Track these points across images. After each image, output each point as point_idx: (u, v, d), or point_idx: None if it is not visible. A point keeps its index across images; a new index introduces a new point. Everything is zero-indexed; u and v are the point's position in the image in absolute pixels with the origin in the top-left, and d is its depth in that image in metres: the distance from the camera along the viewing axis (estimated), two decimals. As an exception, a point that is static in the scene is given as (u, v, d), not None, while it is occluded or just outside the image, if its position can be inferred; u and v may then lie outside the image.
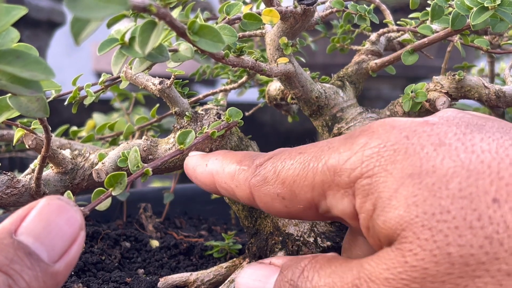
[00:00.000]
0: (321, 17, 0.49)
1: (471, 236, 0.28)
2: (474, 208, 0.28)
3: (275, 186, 0.37)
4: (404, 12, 0.55)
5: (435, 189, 0.29)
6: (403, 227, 0.29)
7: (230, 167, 0.40)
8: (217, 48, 0.32)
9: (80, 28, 0.23)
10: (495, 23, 0.42)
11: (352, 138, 0.34)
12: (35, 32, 1.37)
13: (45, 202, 0.31)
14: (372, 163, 0.32)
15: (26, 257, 0.29)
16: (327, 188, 0.34)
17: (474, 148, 0.30)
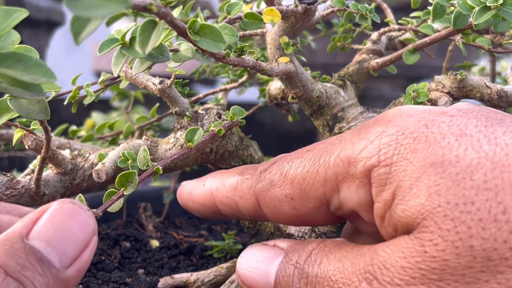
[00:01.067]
0: (322, 16, 0.48)
1: (496, 229, 0.27)
2: (499, 201, 0.27)
3: (283, 187, 0.36)
4: (405, 11, 0.55)
5: (459, 179, 0.28)
6: (424, 216, 0.28)
7: (231, 180, 0.39)
8: (218, 48, 0.32)
9: (80, 27, 0.23)
10: (497, 22, 0.42)
11: (366, 128, 0.33)
12: (34, 32, 1.37)
13: (58, 205, 0.30)
14: (391, 151, 0.31)
15: (37, 263, 0.28)
16: (341, 181, 0.33)
17: (498, 141, 0.29)
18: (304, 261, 0.34)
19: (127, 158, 0.41)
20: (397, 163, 0.30)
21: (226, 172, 0.40)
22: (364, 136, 0.32)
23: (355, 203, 0.33)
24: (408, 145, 0.30)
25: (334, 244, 0.34)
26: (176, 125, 0.47)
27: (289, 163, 0.36)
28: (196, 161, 0.48)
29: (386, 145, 0.31)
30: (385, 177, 0.31)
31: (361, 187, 0.32)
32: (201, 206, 0.41)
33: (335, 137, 0.35)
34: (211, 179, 0.41)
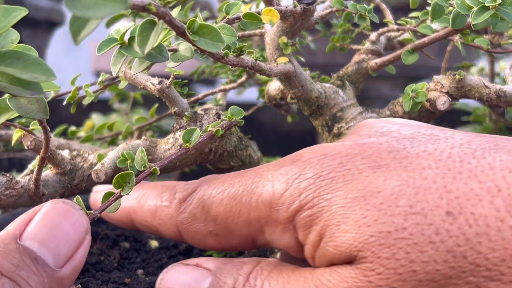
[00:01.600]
0: (320, 17, 0.48)
1: (433, 251, 0.27)
2: (430, 223, 0.27)
3: (206, 223, 0.35)
4: (404, 12, 0.55)
5: (384, 208, 0.28)
6: (359, 248, 0.28)
7: (149, 203, 0.37)
8: (217, 47, 0.32)
9: (79, 27, 0.23)
10: (495, 22, 0.42)
11: (285, 168, 0.33)
12: (34, 32, 1.37)
13: (50, 206, 0.30)
14: (311, 194, 0.31)
15: (32, 262, 0.28)
16: (265, 224, 0.33)
17: (413, 165, 0.29)
18: (243, 285, 0.32)
19: (126, 158, 0.41)
20: (318, 205, 0.30)
21: (143, 190, 0.38)
22: (283, 179, 0.32)
23: (282, 246, 0.33)
24: (327, 186, 0.30)
25: (272, 267, 0.33)
26: (175, 125, 0.47)
27: (210, 198, 0.35)
28: (195, 161, 0.48)
29: (305, 189, 0.31)
30: (309, 219, 0.31)
31: (286, 232, 0.32)
32: (119, 223, 0.40)
33: (254, 173, 0.34)
34: (125, 197, 0.40)
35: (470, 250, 0.27)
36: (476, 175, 0.28)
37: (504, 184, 0.27)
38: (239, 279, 0.32)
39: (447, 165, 0.29)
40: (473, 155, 0.29)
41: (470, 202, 0.27)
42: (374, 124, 0.34)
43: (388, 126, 0.34)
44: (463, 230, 0.27)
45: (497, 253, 0.26)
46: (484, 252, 0.26)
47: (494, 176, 0.28)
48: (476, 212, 0.27)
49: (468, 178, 0.28)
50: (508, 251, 0.26)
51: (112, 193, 0.34)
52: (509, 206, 0.27)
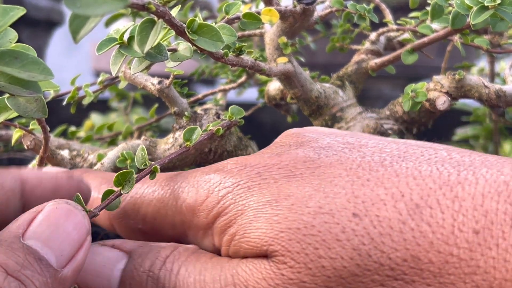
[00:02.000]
0: (320, 17, 0.48)
1: (340, 248, 0.28)
2: (337, 222, 0.28)
3: (136, 221, 0.36)
4: (403, 12, 0.55)
5: (295, 208, 0.30)
6: (269, 242, 0.29)
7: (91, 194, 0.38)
8: (216, 47, 0.32)
9: (78, 26, 0.23)
10: (495, 22, 0.42)
11: (209, 174, 0.34)
12: (34, 32, 1.37)
13: (53, 206, 0.30)
14: (228, 201, 0.32)
15: (36, 262, 0.28)
16: (187, 228, 0.34)
17: (325, 174, 0.31)
18: (159, 269, 0.32)
19: (125, 158, 0.41)
20: (233, 210, 0.32)
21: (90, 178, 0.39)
22: (206, 186, 0.33)
23: (204, 249, 0.34)
24: (244, 194, 0.32)
25: (190, 252, 0.33)
26: (175, 125, 0.47)
27: (141, 197, 0.36)
28: (195, 161, 0.48)
29: (224, 197, 0.32)
30: (224, 223, 0.32)
31: (205, 237, 0.34)
32: None
33: (182, 176, 0.35)
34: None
35: (374, 249, 0.28)
36: (382, 182, 0.29)
37: (407, 190, 0.29)
38: (156, 262, 0.33)
39: (357, 173, 0.30)
40: (381, 163, 0.31)
41: (376, 206, 0.29)
42: (295, 134, 0.36)
43: (308, 136, 0.35)
44: (368, 230, 0.28)
45: (399, 253, 0.27)
46: (387, 251, 0.27)
47: (398, 182, 0.29)
48: (380, 214, 0.28)
49: (375, 185, 0.29)
50: (409, 251, 0.27)
51: (112, 191, 0.34)
52: (410, 210, 0.28)
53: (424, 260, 0.27)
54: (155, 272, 0.32)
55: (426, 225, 0.27)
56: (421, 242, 0.27)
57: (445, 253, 0.27)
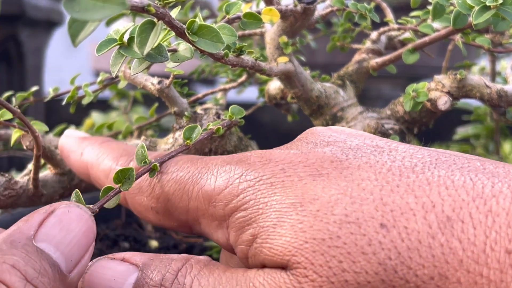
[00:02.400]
0: (321, 16, 0.48)
1: (365, 262, 0.27)
2: (363, 233, 0.27)
3: (150, 199, 0.35)
4: (405, 11, 0.55)
5: (320, 215, 0.28)
6: (293, 252, 0.28)
7: (105, 164, 0.38)
8: (216, 48, 0.32)
9: (77, 30, 0.23)
10: (497, 22, 0.42)
11: (230, 165, 0.33)
12: (34, 32, 1.37)
13: (65, 209, 0.30)
14: (248, 196, 0.31)
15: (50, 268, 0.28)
16: (201, 216, 0.33)
17: (353, 176, 0.29)
18: (171, 283, 0.31)
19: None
20: (254, 206, 0.30)
21: (103, 148, 0.39)
22: (226, 176, 0.32)
23: (215, 240, 0.33)
24: (266, 191, 0.31)
25: (202, 265, 0.32)
26: (175, 125, 0.46)
27: (158, 176, 0.35)
28: (195, 162, 0.47)
29: (244, 191, 0.31)
30: (243, 220, 0.31)
31: (219, 229, 0.33)
32: (76, 170, 0.40)
33: (203, 162, 0.35)
34: (89, 150, 0.39)
35: (401, 265, 0.26)
36: (413, 189, 0.28)
37: (439, 200, 0.27)
38: (167, 276, 0.32)
39: (386, 178, 0.29)
40: (412, 170, 0.29)
41: (405, 216, 0.27)
42: (321, 132, 0.35)
43: (335, 136, 0.34)
44: (395, 244, 0.27)
45: (426, 270, 0.26)
46: (414, 268, 0.26)
47: (430, 191, 0.28)
48: (409, 226, 0.27)
49: (405, 192, 0.28)
50: (437, 269, 0.26)
51: (111, 188, 0.34)
52: (441, 222, 0.27)
53: (452, 280, 0.26)
54: (166, 286, 0.31)
55: (457, 241, 0.26)
56: (450, 259, 0.26)
57: (474, 273, 0.25)
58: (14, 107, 0.37)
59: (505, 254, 0.25)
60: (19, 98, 0.49)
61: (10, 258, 0.27)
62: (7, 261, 0.27)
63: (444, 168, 0.29)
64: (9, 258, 0.27)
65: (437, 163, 0.30)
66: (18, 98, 0.49)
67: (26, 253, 0.28)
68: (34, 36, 1.36)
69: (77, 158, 0.40)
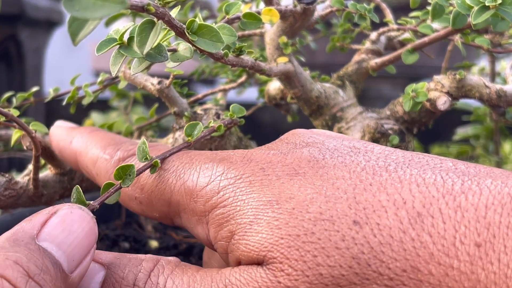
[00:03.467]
0: (321, 16, 0.48)
1: (339, 256, 0.28)
2: (337, 230, 0.28)
3: (134, 189, 0.36)
4: (404, 11, 0.55)
5: (295, 212, 0.29)
6: (269, 248, 0.29)
7: (93, 152, 0.38)
8: (216, 47, 0.32)
9: (77, 28, 0.23)
10: (496, 22, 0.42)
11: (214, 162, 0.34)
12: (34, 32, 1.37)
13: (68, 210, 0.30)
14: (228, 194, 0.32)
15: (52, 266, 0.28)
16: (182, 210, 0.34)
17: (328, 175, 0.30)
18: (144, 282, 0.32)
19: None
20: (232, 204, 0.31)
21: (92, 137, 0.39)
22: (208, 173, 0.33)
23: (195, 235, 0.34)
24: (245, 189, 0.31)
25: (173, 265, 0.33)
26: (175, 125, 0.47)
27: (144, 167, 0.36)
28: (195, 162, 0.47)
29: (224, 188, 0.32)
30: (222, 217, 0.32)
31: (199, 224, 0.33)
32: (65, 159, 0.41)
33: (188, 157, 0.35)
34: (78, 138, 0.40)
35: (374, 259, 0.27)
36: (385, 187, 0.29)
37: (410, 197, 0.28)
38: (140, 276, 0.32)
39: (360, 176, 0.30)
40: (386, 169, 0.30)
41: (377, 213, 0.28)
42: (302, 134, 0.36)
43: (314, 137, 0.35)
44: (367, 239, 0.28)
45: (398, 263, 0.27)
46: (386, 261, 0.27)
47: (401, 189, 0.29)
48: (381, 222, 0.28)
49: (378, 190, 0.29)
50: (409, 262, 0.27)
51: (112, 184, 0.34)
52: (412, 218, 0.27)
53: (424, 272, 0.27)
54: (140, 285, 0.32)
55: (427, 235, 0.27)
56: (421, 253, 0.27)
57: (445, 265, 0.26)
58: (7, 110, 0.37)
59: (475, 247, 0.26)
60: (19, 99, 0.49)
61: (13, 255, 0.27)
62: (10, 257, 0.27)
63: (416, 167, 0.30)
64: (12, 255, 0.27)
65: (410, 163, 0.31)
66: (19, 98, 0.49)
67: (28, 251, 0.28)
68: (34, 36, 1.36)
69: (66, 146, 0.40)
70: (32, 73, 1.38)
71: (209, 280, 0.31)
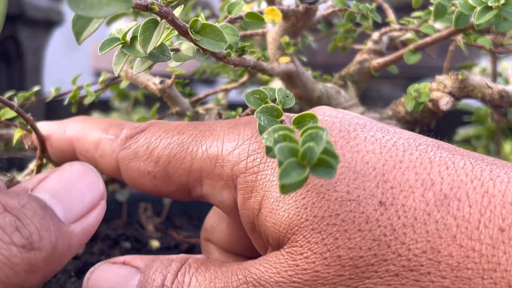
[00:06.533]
0: (323, 16, 0.48)
1: (360, 239, 0.28)
2: (362, 211, 0.28)
3: (147, 163, 0.35)
4: (406, 11, 0.55)
5: (323, 191, 0.29)
6: (294, 230, 0.29)
7: (93, 135, 0.37)
8: (219, 47, 0.32)
9: (82, 27, 0.23)
10: (498, 22, 0.42)
11: (238, 128, 0.33)
12: (34, 32, 1.36)
13: (67, 165, 0.30)
14: (259, 158, 0.31)
15: (40, 208, 0.28)
16: (205, 177, 0.33)
17: (359, 147, 0.30)
18: (172, 282, 0.32)
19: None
20: (263, 171, 0.31)
21: (90, 122, 0.38)
22: (235, 137, 0.33)
23: (218, 202, 0.34)
24: None
25: (199, 263, 0.33)
26: (176, 125, 0.46)
27: (157, 140, 0.35)
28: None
29: (254, 152, 0.31)
30: (252, 184, 0.31)
31: (225, 189, 0.33)
32: (59, 152, 0.39)
33: (207, 126, 0.35)
34: (72, 125, 0.39)
35: (395, 240, 0.27)
36: (415, 166, 0.29)
37: (438, 179, 0.28)
38: (168, 276, 0.32)
39: (390, 152, 0.30)
40: (416, 147, 0.30)
41: (403, 194, 0.28)
42: (330, 109, 0.35)
43: (343, 112, 0.35)
44: (391, 221, 0.28)
45: (419, 245, 0.27)
46: (407, 243, 0.27)
47: (431, 169, 0.29)
48: (407, 204, 0.28)
49: (407, 168, 0.29)
50: (430, 243, 0.27)
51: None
52: (438, 200, 0.28)
53: (444, 253, 0.27)
54: (168, 285, 0.32)
55: (452, 218, 0.27)
56: (443, 234, 0.27)
57: (466, 248, 0.26)
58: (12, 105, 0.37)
59: (498, 231, 0.26)
60: (21, 98, 0.49)
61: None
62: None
63: (446, 151, 0.30)
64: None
65: (439, 147, 0.31)
66: (20, 98, 0.49)
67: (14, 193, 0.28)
68: (34, 36, 1.36)
69: (59, 136, 0.39)
70: (32, 73, 1.38)
71: (229, 273, 0.31)
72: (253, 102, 0.32)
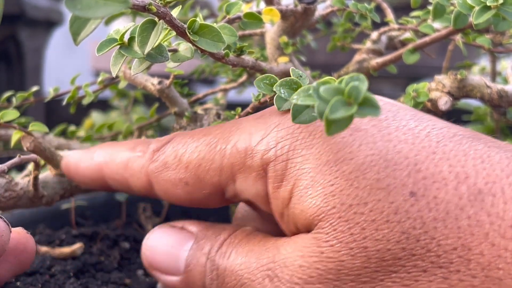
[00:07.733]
0: (321, 16, 0.48)
1: (388, 230, 0.27)
2: (392, 201, 0.27)
3: (178, 171, 0.35)
4: (405, 11, 0.55)
5: (352, 178, 0.28)
6: (320, 217, 0.29)
7: (122, 155, 0.37)
8: (217, 47, 0.32)
9: (79, 28, 0.23)
10: (497, 22, 0.42)
11: (264, 117, 0.33)
12: (34, 32, 1.36)
13: None
14: (287, 145, 0.31)
15: None
16: (237, 171, 0.33)
17: (391, 136, 0.29)
18: (216, 252, 0.33)
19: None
20: (293, 159, 0.30)
21: (116, 146, 0.39)
22: (262, 127, 0.32)
23: (252, 195, 0.33)
24: (304, 140, 0.30)
25: (244, 235, 0.33)
26: (175, 125, 0.46)
27: (184, 146, 0.35)
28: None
29: (283, 139, 0.31)
30: (282, 173, 0.31)
31: (258, 180, 0.32)
32: (89, 180, 0.40)
33: (232, 123, 0.34)
34: (99, 152, 0.39)
35: (424, 234, 0.26)
36: (448, 158, 0.28)
37: (473, 172, 0.27)
38: (215, 245, 0.33)
39: (423, 142, 0.29)
40: (450, 139, 0.29)
41: (436, 185, 0.27)
42: None
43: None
44: (422, 213, 0.27)
45: (450, 241, 0.26)
46: (437, 238, 0.26)
47: (465, 162, 0.28)
48: (439, 196, 0.27)
49: (440, 160, 0.28)
50: (461, 240, 0.26)
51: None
52: (472, 195, 0.27)
53: (475, 251, 0.26)
54: (213, 254, 0.33)
55: (485, 214, 0.26)
56: (476, 231, 0.26)
57: (499, 247, 0.25)
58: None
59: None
60: (19, 98, 0.49)
61: None
62: None
63: (481, 143, 0.29)
64: None
65: (474, 138, 0.29)
66: (19, 98, 0.49)
67: None
68: (34, 36, 1.36)
69: (88, 164, 0.39)
70: (32, 73, 1.38)
71: (264, 249, 0.31)
72: (263, 88, 0.32)
